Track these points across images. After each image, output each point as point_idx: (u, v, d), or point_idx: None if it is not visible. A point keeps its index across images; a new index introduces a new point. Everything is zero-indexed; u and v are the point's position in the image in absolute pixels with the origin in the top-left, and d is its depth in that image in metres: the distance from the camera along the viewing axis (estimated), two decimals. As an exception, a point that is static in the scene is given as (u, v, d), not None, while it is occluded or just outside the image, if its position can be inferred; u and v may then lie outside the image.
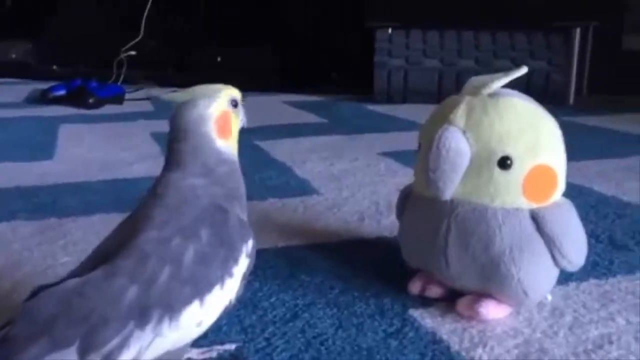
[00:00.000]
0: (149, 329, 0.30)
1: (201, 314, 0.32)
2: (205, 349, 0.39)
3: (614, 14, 1.58)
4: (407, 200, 0.48)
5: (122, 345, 0.29)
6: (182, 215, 0.33)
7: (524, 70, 0.43)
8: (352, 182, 0.80)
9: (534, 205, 0.42)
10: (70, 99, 1.46)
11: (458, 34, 1.49)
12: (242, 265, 0.34)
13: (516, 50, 1.46)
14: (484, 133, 0.41)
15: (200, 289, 0.32)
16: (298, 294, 0.47)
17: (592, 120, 1.30)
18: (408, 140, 1.08)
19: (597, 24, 1.50)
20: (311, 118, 1.34)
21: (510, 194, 0.41)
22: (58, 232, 0.61)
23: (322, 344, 0.40)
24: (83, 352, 0.28)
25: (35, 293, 0.30)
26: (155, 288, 0.30)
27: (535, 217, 0.41)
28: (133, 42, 1.82)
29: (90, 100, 1.41)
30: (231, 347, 0.39)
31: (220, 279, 0.32)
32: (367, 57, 1.55)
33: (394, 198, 0.72)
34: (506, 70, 0.44)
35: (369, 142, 1.06)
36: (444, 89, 1.44)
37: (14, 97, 1.59)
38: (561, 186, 0.43)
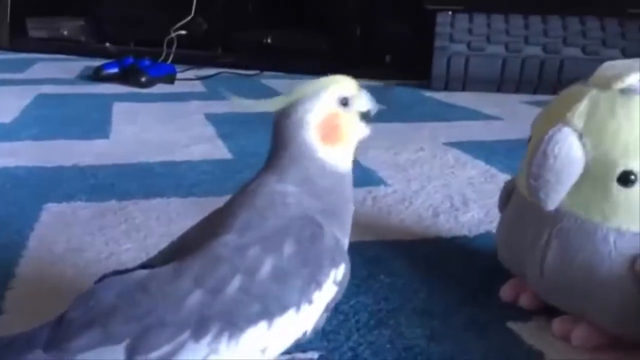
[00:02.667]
0: (204, 342, 0.26)
1: (267, 339, 0.27)
2: (287, 356, 0.35)
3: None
4: (510, 195, 0.43)
5: (172, 354, 0.26)
6: (265, 221, 0.29)
7: None
8: (420, 174, 0.75)
9: None
10: (123, 77, 1.45)
11: (525, 19, 1.41)
12: (327, 293, 0.29)
13: (587, 37, 1.37)
14: (606, 139, 0.35)
15: (270, 310, 0.27)
16: (380, 297, 0.43)
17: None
18: (472, 131, 1.04)
19: (677, 11, 1.39)
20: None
21: (630, 215, 0.35)
22: (119, 215, 0.58)
23: (415, 358, 0.36)
24: (131, 352, 0.25)
25: (104, 277, 0.28)
26: (220, 298, 0.26)
27: None
28: (184, 22, 1.80)
29: (143, 79, 1.39)
30: (314, 356, 0.36)
31: (297, 303, 0.28)
32: (424, 41, 1.48)
33: (468, 193, 0.68)
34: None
35: (432, 131, 1.00)
36: (506, 78, 1.37)
37: (67, 73, 1.59)
38: None
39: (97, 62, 1.57)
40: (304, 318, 0.28)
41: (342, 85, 0.32)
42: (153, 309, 0.26)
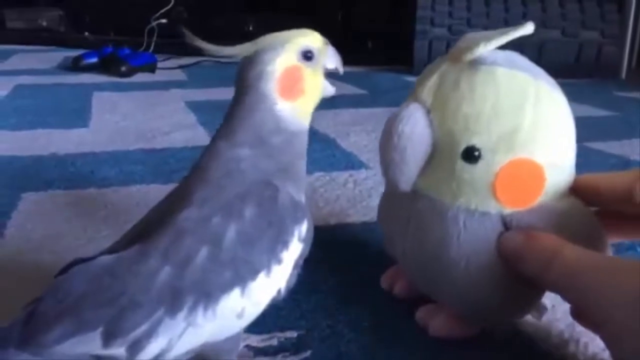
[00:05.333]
0: (180, 316, 0.26)
1: (242, 304, 0.27)
2: (265, 335, 0.35)
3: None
4: None
5: (150, 333, 0.25)
6: (223, 191, 0.28)
7: (529, 28, 0.32)
8: (400, 156, 0.75)
9: (508, 210, 0.32)
10: (102, 67, 1.43)
11: (505, 2, 1.41)
12: (294, 250, 0.29)
13: (567, 19, 1.38)
14: (449, 114, 0.32)
15: (242, 275, 0.27)
16: (363, 277, 0.44)
17: (648, 95, 1.22)
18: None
19: (655, -8, 1.41)
20: (349, 89, 1.29)
21: (477, 193, 0.32)
22: (98, 202, 0.58)
23: (390, 330, 0.36)
24: (107, 337, 0.25)
25: (67, 267, 0.28)
26: (190, 270, 0.26)
27: (507, 224, 0.32)
28: (164, 10, 1.78)
29: (123, 68, 1.38)
30: (293, 334, 0.36)
31: (267, 265, 0.28)
32: (406, 26, 1.48)
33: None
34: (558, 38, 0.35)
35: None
36: (488, 61, 1.37)
37: (46, 64, 1.57)
38: (558, 187, 0.32)
39: (76, 53, 1.54)
40: (275, 278, 0.28)
41: (307, 38, 0.31)
42: (123, 291, 0.26)
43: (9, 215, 0.54)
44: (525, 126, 0.31)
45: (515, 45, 0.32)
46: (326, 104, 0.31)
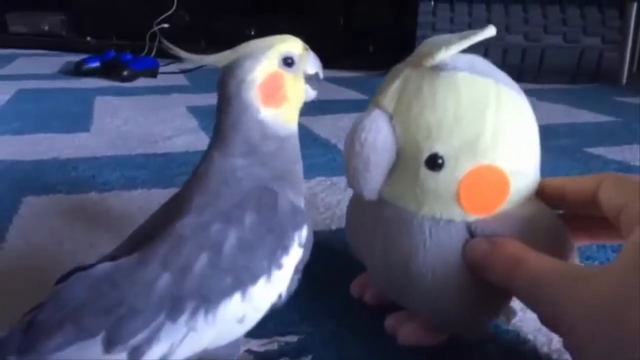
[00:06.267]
0: (181, 322, 0.26)
1: (243, 309, 0.27)
2: (265, 340, 0.35)
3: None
4: None
5: (151, 339, 0.26)
6: (221, 198, 0.29)
7: (490, 31, 0.31)
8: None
9: (473, 217, 0.31)
10: (104, 71, 1.44)
11: (506, 8, 1.42)
12: (294, 255, 0.29)
13: (568, 25, 1.39)
14: (412, 121, 0.31)
15: (242, 280, 0.27)
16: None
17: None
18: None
19: (656, -2, 1.41)
20: (351, 94, 1.29)
21: (442, 201, 0.31)
22: (100, 207, 0.58)
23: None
24: (108, 343, 0.25)
25: (67, 275, 0.28)
26: (190, 277, 0.26)
27: (473, 232, 0.31)
28: (166, 15, 1.78)
29: (125, 73, 1.38)
30: (293, 339, 0.36)
31: (267, 270, 0.28)
32: (407, 31, 1.48)
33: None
34: (558, 43, 0.34)
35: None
36: (489, 66, 1.38)
37: (48, 68, 1.57)
38: (522, 192, 0.32)
39: (78, 57, 1.55)
40: (276, 283, 0.28)
41: (288, 44, 0.31)
42: (123, 299, 0.26)
43: (11, 219, 0.54)
44: (487, 132, 0.30)
45: (516, 51, 0.32)
46: (327, 109, 0.32)
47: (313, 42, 0.33)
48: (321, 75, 0.33)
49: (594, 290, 0.25)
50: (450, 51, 0.31)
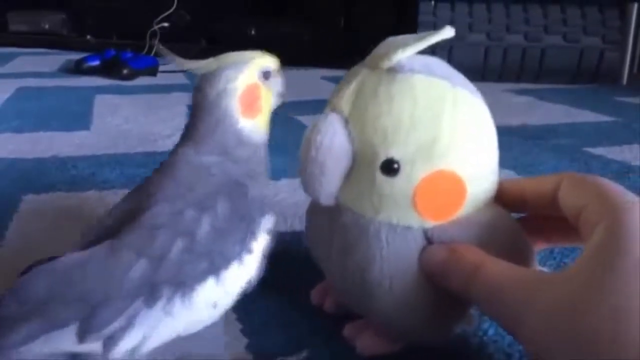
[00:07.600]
0: (158, 307, 0.27)
1: (217, 293, 0.29)
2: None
3: (674, -12, 1.48)
4: None
5: (126, 326, 0.26)
6: (193, 189, 0.30)
7: (448, 32, 0.30)
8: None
9: (430, 223, 0.30)
10: (104, 70, 1.44)
11: (506, 7, 1.41)
12: (261, 241, 0.31)
13: (568, 25, 1.38)
14: (368, 125, 0.30)
15: (216, 265, 0.29)
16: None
17: (650, 102, 1.22)
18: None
19: (657, -2, 1.41)
20: (351, 93, 1.29)
21: (399, 207, 0.30)
22: (99, 205, 0.58)
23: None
24: (82, 333, 0.25)
25: (29, 268, 0.28)
26: (166, 263, 0.27)
27: (430, 239, 0.31)
28: (166, 14, 1.78)
29: (124, 72, 1.38)
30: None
31: (239, 255, 0.30)
32: (408, 31, 1.48)
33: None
34: (559, 45, 0.32)
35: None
36: (489, 66, 1.38)
37: (48, 67, 1.57)
38: (480, 197, 0.31)
39: (78, 56, 1.55)
40: (247, 267, 0.30)
41: (267, 59, 0.34)
42: (96, 287, 0.26)
43: (10, 217, 0.54)
44: (443, 136, 0.29)
45: (516, 51, 0.32)
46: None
47: (313, 42, 0.33)
48: (285, 97, 0.36)
49: (553, 296, 0.24)
50: (407, 52, 0.30)
